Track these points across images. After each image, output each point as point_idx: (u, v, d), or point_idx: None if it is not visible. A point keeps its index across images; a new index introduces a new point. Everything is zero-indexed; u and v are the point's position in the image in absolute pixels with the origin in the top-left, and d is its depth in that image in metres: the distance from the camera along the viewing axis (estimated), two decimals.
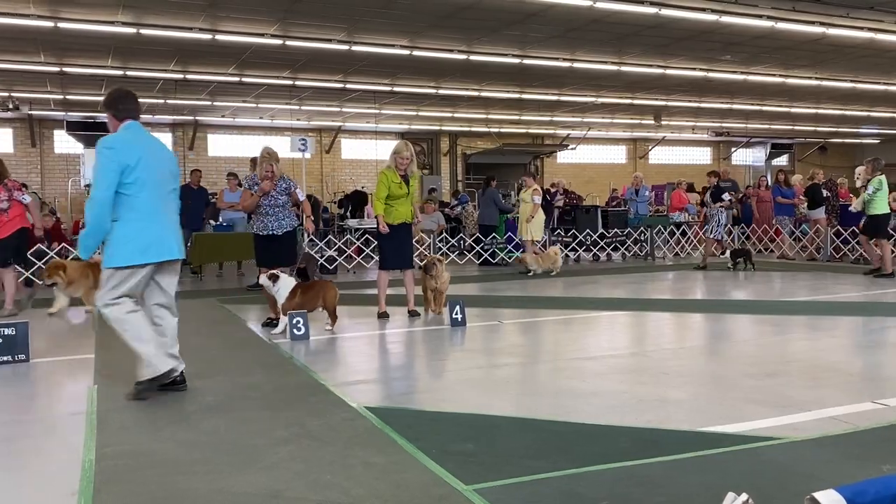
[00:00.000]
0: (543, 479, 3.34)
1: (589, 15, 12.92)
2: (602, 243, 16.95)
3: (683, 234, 18.04)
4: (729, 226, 15.61)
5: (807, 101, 22.61)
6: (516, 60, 16.23)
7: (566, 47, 15.46)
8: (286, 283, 7.36)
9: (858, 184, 13.55)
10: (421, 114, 24.02)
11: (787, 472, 3.40)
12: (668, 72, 17.76)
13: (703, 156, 32.77)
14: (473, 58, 15.91)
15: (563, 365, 5.95)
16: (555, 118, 25.23)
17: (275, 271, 7.43)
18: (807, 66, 17.55)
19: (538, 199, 14.20)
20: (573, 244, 16.58)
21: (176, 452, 3.79)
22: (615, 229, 17.24)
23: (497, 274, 14.00)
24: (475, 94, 20.28)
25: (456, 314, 7.70)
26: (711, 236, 14.51)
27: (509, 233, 16.13)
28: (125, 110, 5.06)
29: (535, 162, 28.78)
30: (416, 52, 15.32)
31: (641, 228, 17.40)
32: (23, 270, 12.20)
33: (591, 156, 30.22)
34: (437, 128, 27.33)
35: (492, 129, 27.34)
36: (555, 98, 21.08)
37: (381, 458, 3.64)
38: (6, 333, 6.09)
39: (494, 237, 16.00)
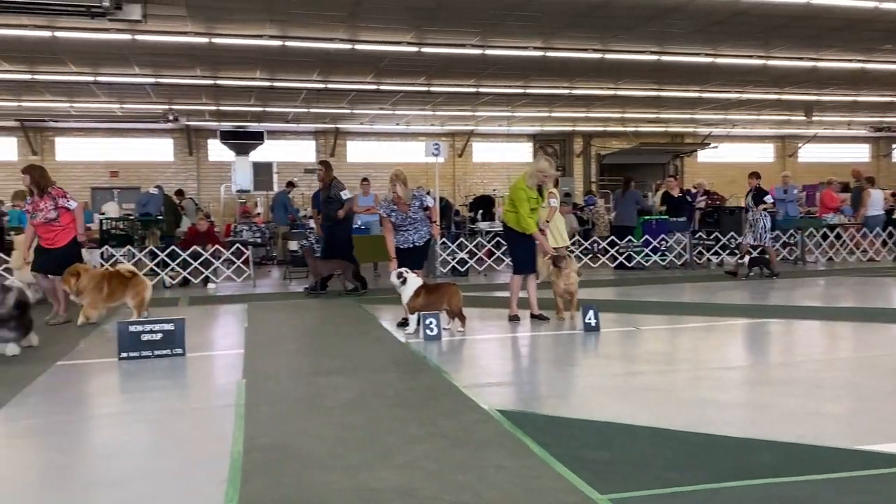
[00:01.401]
0: (682, 493, 3.20)
1: (733, 7, 12.33)
2: None
3: (838, 236, 16.81)
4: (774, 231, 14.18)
5: None
6: (654, 57, 15.75)
7: (708, 42, 14.83)
8: (412, 283, 7.54)
9: None
10: (554, 115, 23.81)
11: None
12: (820, 64, 16.63)
13: (859, 153, 30.43)
14: (609, 56, 15.59)
15: (704, 374, 5.69)
16: (695, 116, 24.27)
17: (403, 269, 7.62)
18: None
19: (554, 202, 13.51)
20: (716, 247, 15.87)
21: (316, 447, 3.94)
22: None
23: (633, 278, 13.62)
24: (610, 93, 19.87)
25: (589, 319, 7.55)
26: (762, 243, 13.36)
27: (647, 235, 15.66)
28: None
29: (675, 161, 27.81)
30: (550, 54, 15.21)
31: (791, 231, 16.38)
32: (180, 270, 13.16)
33: (735, 154, 28.81)
34: (571, 128, 26.99)
35: (628, 129, 26.67)
36: (695, 95, 20.27)
37: (513, 462, 3.62)
38: (166, 329, 6.56)
39: (630, 239, 15.58)
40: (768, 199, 13.47)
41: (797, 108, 23.02)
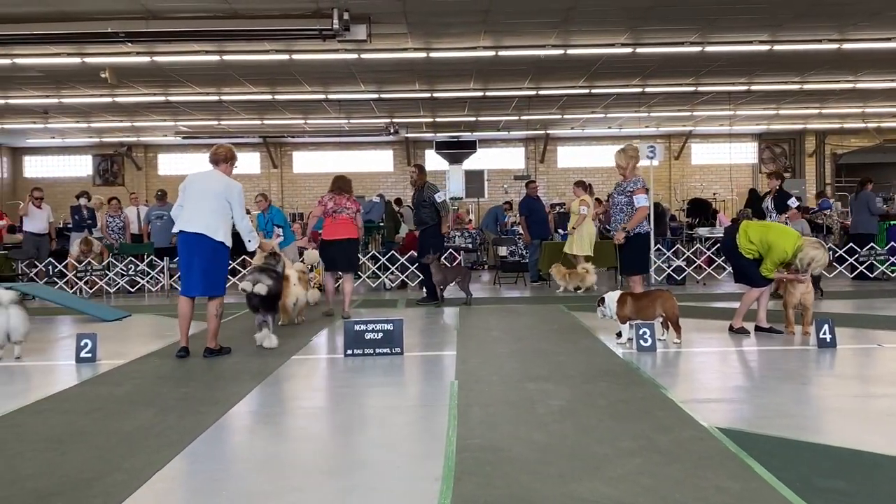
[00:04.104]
0: None
1: None
2: None
3: None
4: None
5: None
6: None
7: None
8: (610, 296, 7.39)
9: None
10: (782, 112, 22.10)
11: None
12: None
13: None
14: (847, 46, 14.17)
15: None
16: None
17: (603, 296, 7.48)
18: None
19: (585, 210, 12.71)
20: None
21: (526, 452, 3.95)
22: None
23: (875, 289, 12.25)
24: (849, 86, 18.04)
25: (824, 333, 6.89)
26: None
27: (892, 242, 14.02)
28: None
29: None
30: (777, 47, 14.13)
31: None
32: (399, 273, 13.88)
33: None
34: (801, 126, 24.88)
35: (869, 125, 24.06)
36: None
37: (735, 484, 3.39)
38: (386, 328, 6.95)
39: (873, 247, 14.03)
40: (792, 202, 11.52)
41: None
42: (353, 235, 9.80)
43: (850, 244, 14.33)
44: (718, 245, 14.65)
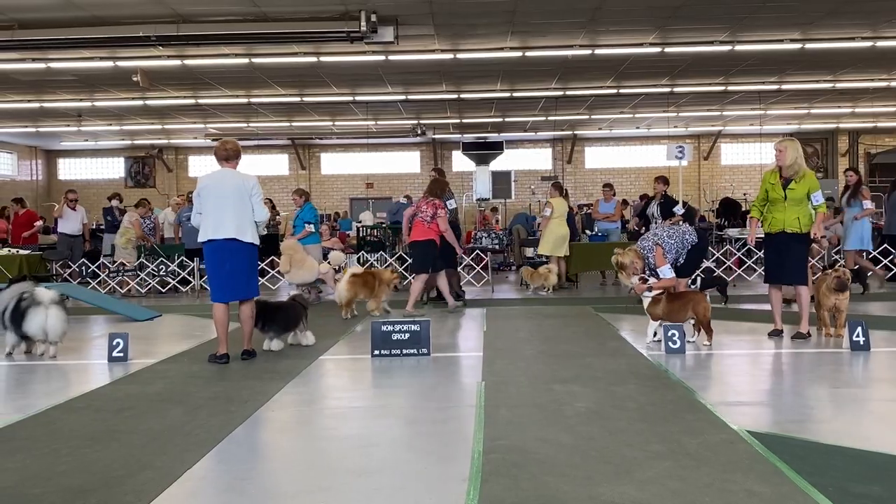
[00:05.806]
0: None
1: None
2: None
3: None
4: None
5: None
6: None
7: None
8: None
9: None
10: (813, 111, 21.81)
11: None
12: None
13: None
14: (881, 44, 13.93)
15: None
16: None
17: (645, 275, 7.40)
18: None
19: (547, 213, 13.03)
20: None
21: (554, 454, 3.94)
22: None
23: None
24: (883, 84, 17.75)
25: (857, 336, 6.76)
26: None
27: None
28: None
29: None
30: (809, 45, 13.94)
31: None
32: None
33: None
34: (834, 125, 24.53)
35: None
36: None
37: (765, 489, 3.34)
38: (413, 329, 6.96)
39: None
40: (678, 209, 11.45)
41: None
42: (421, 238, 9.99)
43: (885, 245, 14.04)
44: (749, 246, 14.50)
